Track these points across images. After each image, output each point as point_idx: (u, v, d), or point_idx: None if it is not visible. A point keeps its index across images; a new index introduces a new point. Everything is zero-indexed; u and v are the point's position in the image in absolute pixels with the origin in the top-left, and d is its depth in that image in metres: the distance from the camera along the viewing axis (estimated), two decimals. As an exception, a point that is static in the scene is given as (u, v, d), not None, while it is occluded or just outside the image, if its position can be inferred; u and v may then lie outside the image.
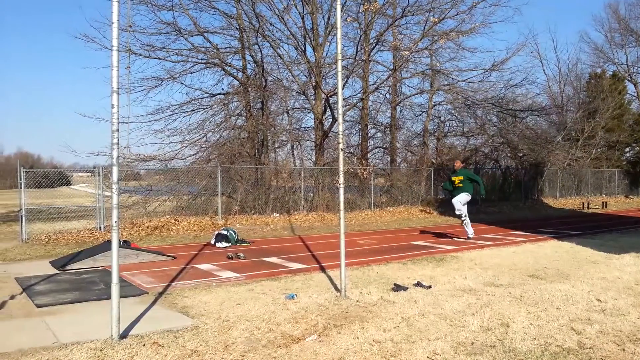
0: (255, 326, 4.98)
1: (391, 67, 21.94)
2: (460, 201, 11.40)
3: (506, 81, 24.12)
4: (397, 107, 24.66)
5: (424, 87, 24.69)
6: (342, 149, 6.43)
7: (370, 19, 19.71)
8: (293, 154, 21.61)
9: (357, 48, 19.13)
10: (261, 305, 5.80)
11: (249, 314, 5.42)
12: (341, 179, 6.31)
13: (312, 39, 19.07)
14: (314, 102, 19.38)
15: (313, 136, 20.85)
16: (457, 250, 10.30)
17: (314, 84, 19.19)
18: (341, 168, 6.33)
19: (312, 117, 20.19)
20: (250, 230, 13.89)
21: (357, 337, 4.59)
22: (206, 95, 19.25)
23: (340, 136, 6.44)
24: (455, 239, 11.95)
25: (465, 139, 26.15)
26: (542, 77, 48.42)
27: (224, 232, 11.10)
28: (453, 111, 25.72)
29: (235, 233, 11.25)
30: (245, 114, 19.64)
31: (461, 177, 11.48)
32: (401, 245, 11.18)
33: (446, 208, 20.26)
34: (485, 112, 24.80)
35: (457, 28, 19.51)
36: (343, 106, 6.46)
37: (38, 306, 5.79)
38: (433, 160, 24.11)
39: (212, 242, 10.99)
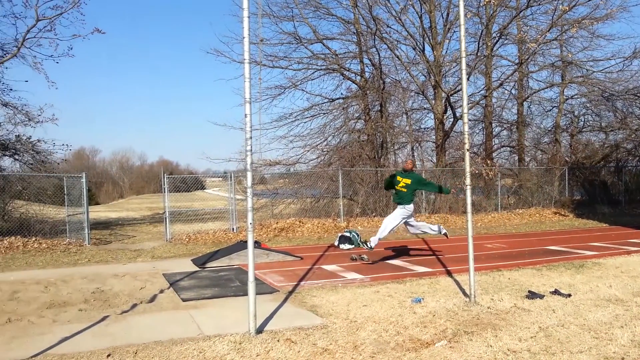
0: (383, 328, 5.00)
1: (516, 61, 20.74)
2: (395, 218, 8.88)
3: (651, 69, 21.61)
4: (524, 102, 23.22)
5: (554, 80, 22.97)
6: (467, 149, 6.22)
7: (492, 12, 18.82)
8: (413, 156, 21.30)
9: (478, 43, 18.38)
10: (388, 307, 5.81)
11: (376, 316, 5.45)
12: (468, 180, 6.10)
13: (430, 37, 18.71)
14: (433, 101, 18.97)
15: (433, 136, 20.43)
16: (599, 256, 9.42)
17: (433, 83, 18.80)
18: (467, 169, 6.12)
19: (432, 117, 19.78)
20: (372, 232, 13.92)
21: (490, 346, 4.40)
22: (326, 100, 19.80)
23: (466, 136, 6.23)
24: (596, 244, 10.93)
25: (604, 134, 23.81)
26: (698, 60, 42.44)
27: (347, 234, 11.28)
28: (588, 105, 23.59)
29: (358, 235, 11.38)
30: (364, 117, 19.81)
31: (408, 181, 8.75)
32: (534, 250, 10.50)
33: (584, 210, 18.65)
34: (627, 105, 22.38)
35: (590, 15, 17.93)
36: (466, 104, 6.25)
37: (183, 300, 6.35)
38: (567, 159, 22.31)
39: (336, 243, 11.23)
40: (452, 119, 18.59)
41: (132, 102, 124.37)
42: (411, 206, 8.87)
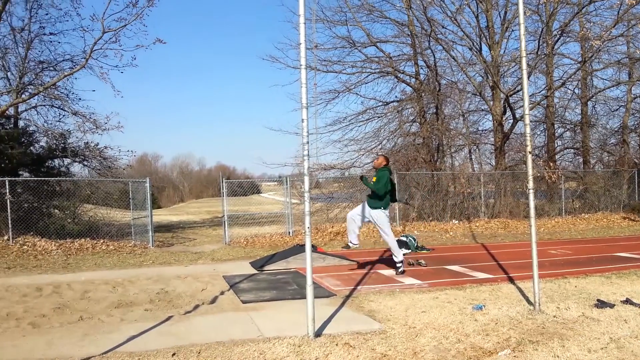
0: (442, 335, 4.91)
1: (579, 59, 19.87)
2: (377, 219, 8.11)
3: None
4: (589, 102, 22.17)
5: (621, 79, 21.81)
6: (529, 152, 6.01)
7: (552, 9, 18.10)
8: (471, 158, 20.83)
9: (538, 42, 17.76)
10: (447, 314, 5.69)
11: (435, 322, 5.36)
12: (530, 184, 5.90)
13: (487, 37, 18.23)
14: (491, 103, 18.46)
15: (492, 139, 19.88)
16: (675, 263, 8.85)
17: (491, 84, 18.30)
18: (530, 172, 5.92)
19: (491, 118, 19.25)
20: (429, 237, 13.72)
21: (557, 356, 4.23)
22: (380, 103, 19.71)
23: (528, 137, 6.03)
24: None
25: (677, 133, 22.40)
26: None
27: (404, 238, 11.15)
28: (659, 103, 22.24)
29: (414, 240, 11.23)
30: (419, 119, 19.55)
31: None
32: (602, 256, 9.99)
33: (656, 214, 17.59)
34: None
35: (660, 9, 16.88)
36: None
37: (243, 302, 6.49)
38: (636, 160, 21.10)
39: (392, 248, 11.11)
40: (511, 120, 18.02)
41: (192, 109, 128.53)
42: (383, 210, 8.10)
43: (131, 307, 6.43)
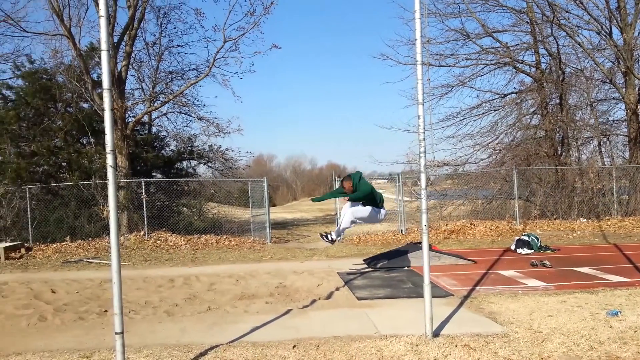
0: (572, 341, 4.56)
1: None
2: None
3: None
4: None
5: None
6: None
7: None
8: (600, 151, 19.04)
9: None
10: (577, 319, 5.28)
11: (563, 328, 4.99)
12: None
13: (618, 19, 16.58)
14: (624, 90, 16.76)
15: (625, 129, 18.03)
16: None
17: (623, 69, 16.62)
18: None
19: (623, 107, 17.48)
20: (553, 236, 12.82)
21: None
22: (497, 96, 18.82)
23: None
24: None
25: None
26: None
27: (525, 237, 10.53)
28: None
29: (537, 239, 10.56)
30: (540, 111, 18.34)
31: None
32: None
33: None
34: None
35: None
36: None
37: (358, 299, 6.55)
38: None
39: (512, 247, 10.56)
40: (648, 108, 16.24)
41: (304, 109, 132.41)
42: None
43: (253, 299, 6.79)
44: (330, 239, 7.81)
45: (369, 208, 7.54)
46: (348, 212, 7.66)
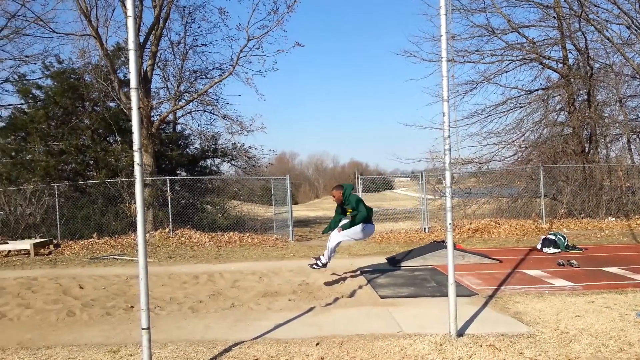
0: (601, 343, 4.47)
1: None
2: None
3: None
4: None
5: None
6: None
7: None
8: (630, 149, 18.57)
9: None
10: (606, 320, 5.17)
11: (591, 329, 4.89)
12: None
13: (650, 11, 16.12)
14: (656, 86, 16.31)
15: (656, 126, 17.56)
16: None
17: (655, 64, 16.17)
18: None
19: (655, 103, 17.02)
20: (580, 235, 12.56)
21: None
22: (522, 93, 18.53)
23: None
24: None
25: None
26: None
27: (552, 236, 10.34)
28: None
29: (564, 238, 10.36)
30: (567, 108, 17.97)
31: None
32: None
33: None
34: None
35: None
36: None
37: (381, 297, 6.52)
38: None
39: (539, 247, 10.38)
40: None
41: (327, 108, 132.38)
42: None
43: (276, 296, 6.82)
44: (321, 264, 7.50)
45: (359, 226, 7.33)
46: (334, 232, 7.49)
